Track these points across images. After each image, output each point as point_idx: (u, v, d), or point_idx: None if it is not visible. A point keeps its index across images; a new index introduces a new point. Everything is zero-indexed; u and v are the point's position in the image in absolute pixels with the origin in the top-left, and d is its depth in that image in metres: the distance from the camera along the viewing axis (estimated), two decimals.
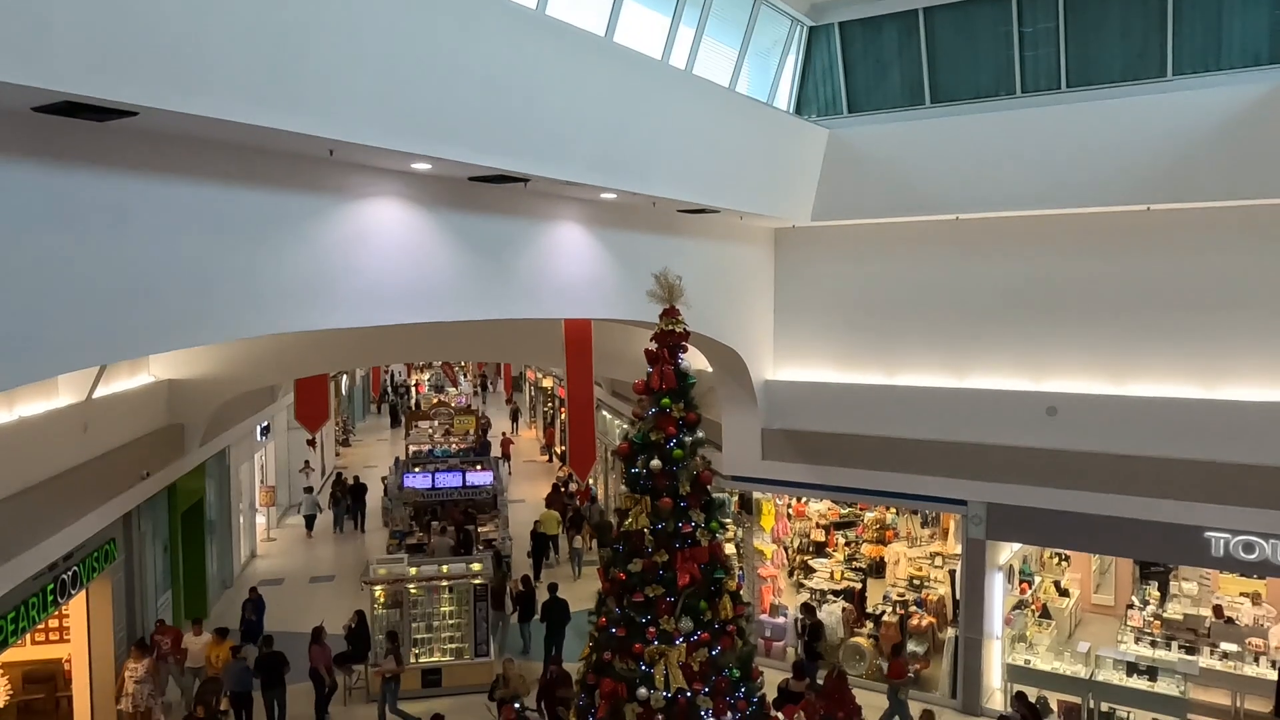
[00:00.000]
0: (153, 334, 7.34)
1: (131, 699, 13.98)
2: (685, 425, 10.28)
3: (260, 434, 26.01)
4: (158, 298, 7.20)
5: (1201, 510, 12.95)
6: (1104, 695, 14.26)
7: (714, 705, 9.79)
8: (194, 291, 7.51)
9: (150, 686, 14.12)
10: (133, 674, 14.07)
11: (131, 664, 14.14)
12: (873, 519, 19.49)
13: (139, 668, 14.09)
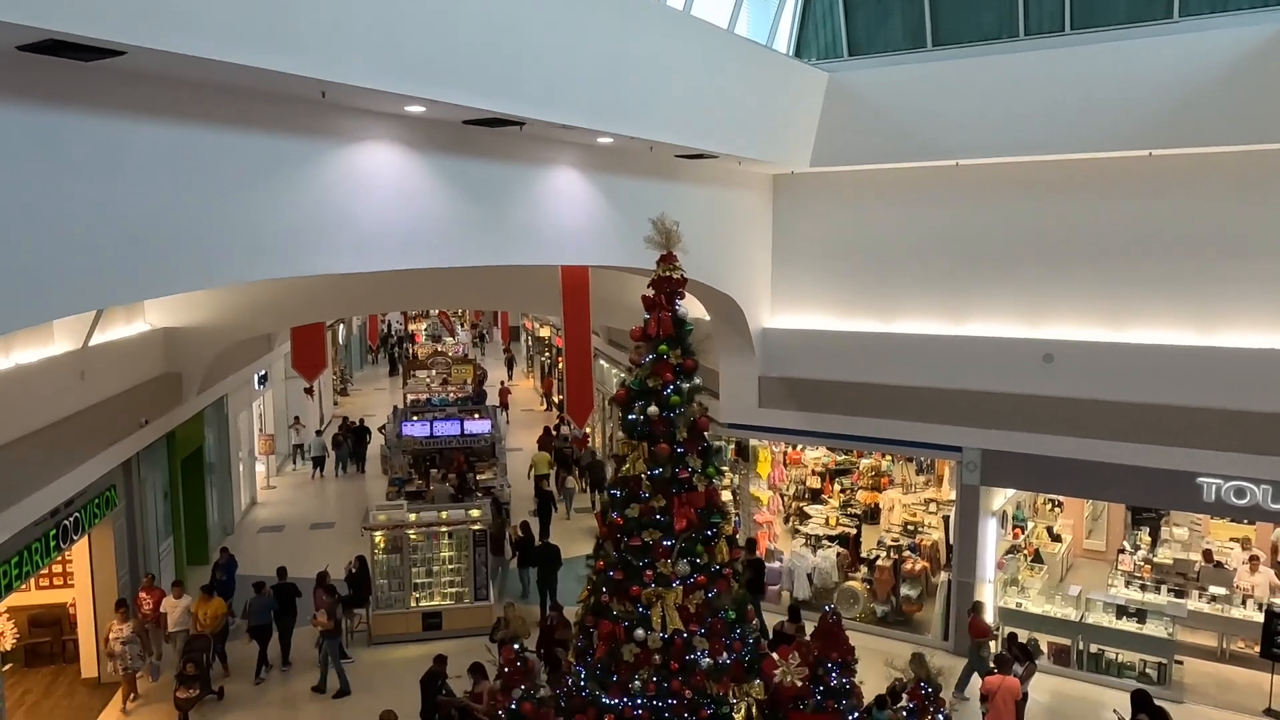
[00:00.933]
0: (145, 279, 7.30)
1: (119, 661, 13.62)
2: (682, 372, 10.29)
3: (258, 383, 26.04)
4: (150, 242, 7.14)
5: (1194, 456, 13.06)
6: (1093, 637, 14.52)
7: (710, 646, 9.94)
8: (186, 236, 7.45)
9: (138, 647, 13.81)
10: (119, 635, 13.60)
11: (116, 625, 13.66)
12: (868, 466, 19.65)
13: (124, 629, 13.65)
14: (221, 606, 14.96)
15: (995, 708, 11.53)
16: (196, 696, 13.57)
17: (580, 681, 10.33)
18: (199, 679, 13.67)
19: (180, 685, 13.49)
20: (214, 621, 14.72)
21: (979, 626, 13.88)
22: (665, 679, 9.83)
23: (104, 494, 14.08)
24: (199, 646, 14.17)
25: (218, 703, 14.06)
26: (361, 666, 15.37)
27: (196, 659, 13.80)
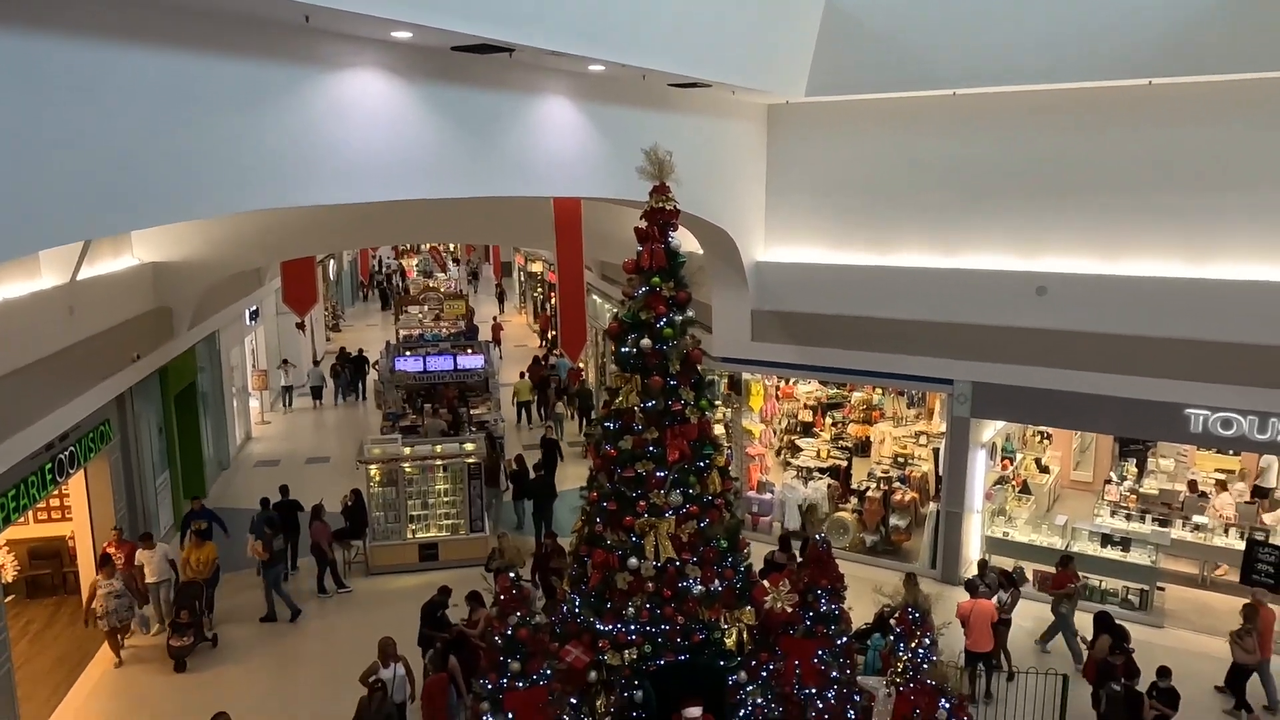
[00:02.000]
0: (128, 210, 7.18)
1: (109, 618, 13.17)
2: (675, 304, 10.26)
3: (249, 318, 25.94)
4: (132, 173, 7.01)
5: (1182, 388, 13.16)
6: (1079, 565, 14.77)
7: (702, 574, 10.12)
8: (169, 166, 7.31)
9: (128, 600, 13.42)
10: (109, 589, 13.14)
11: (103, 579, 13.22)
12: (859, 400, 19.79)
13: (113, 583, 13.23)
14: (213, 551, 14.64)
15: (974, 630, 11.82)
16: (191, 644, 13.48)
17: (575, 609, 10.52)
18: (193, 626, 13.55)
19: (174, 634, 13.39)
20: (206, 567, 14.46)
21: (1060, 579, 13.22)
22: (658, 606, 10.03)
23: (98, 428, 14.10)
24: (191, 593, 13.89)
25: (212, 649, 13.89)
26: (359, 596, 15.65)
27: (190, 606, 13.60)
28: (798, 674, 10.24)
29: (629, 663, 9.99)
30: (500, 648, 9.42)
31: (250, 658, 13.78)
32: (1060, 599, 13.16)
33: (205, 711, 10.36)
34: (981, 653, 11.91)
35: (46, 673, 13.01)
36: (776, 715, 10.18)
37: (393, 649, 10.98)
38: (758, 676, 10.21)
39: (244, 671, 13.36)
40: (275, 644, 14.16)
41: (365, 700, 10.12)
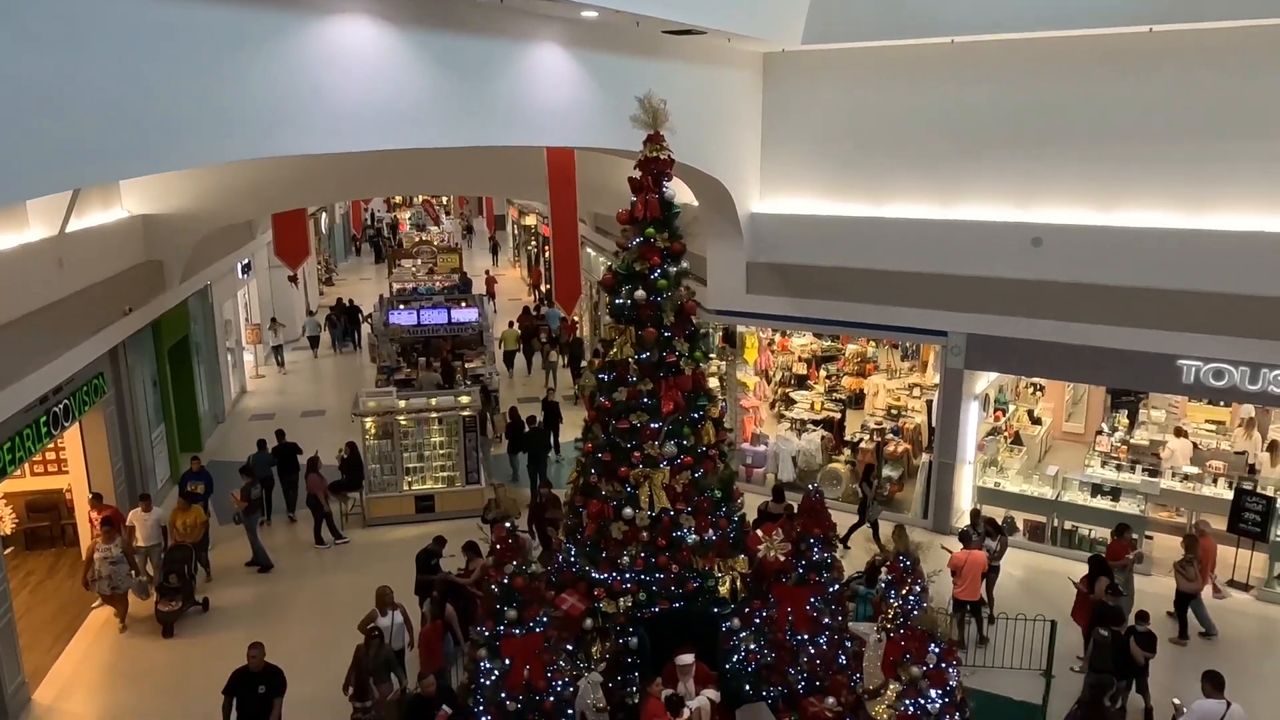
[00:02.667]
0: (115, 159, 7.10)
1: (108, 581, 12.82)
2: (670, 255, 10.23)
3: (241, 272, 25.78)
4: (118, 121, 6.91)
5: (1175, 339, 13.19)
6: (1068, 514, 14.99)
7: (696, 524, 10.23)
8: (155, 115, 7.21)
9: (127, 566, 13.04)
10: (106, 555, 12.80)
11: (103, 544, 12.85)
12: (853, 352, 19.82)
13: (111, 548, 12.83)
14: (200, 515, 14.39)
15: (965, 579, 11.99)
16: (179, 609, 13.17)
17: (570, 558, 10.65)
18: (181, 591, 13.24)
19: (162, 598, 13.10)
20: (194, 530, 14.16)
21: (1117, 549, 12.50)
22: (653, 555, 10.15)
23: (92, 381, 14.08)
24: (179, 557, 13.54)
25: (203, 614, 13.60)
26: (356, 547, 15.79)
27: (178, 570, 13.28)
28: (790, 621, 10.39)
29: (624, 610, 10.14)
30: (497, 596, 9.54)
31: (242, 619, 13.41)
32: (1117, 569, 12.20)
33: (196, 676, 10.45)
34: (969, 601, 12.09)
35: (48, 622, 13.16)
36: (769, 661, 10.35)
37: (390, 597, 11.10)
38: (751, 623, 10.36)
39: (236, 632, 12.71)
40: (269, 602, 14.04)
41: (362, 647, 10.25)
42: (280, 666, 9.84)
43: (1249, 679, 11.27)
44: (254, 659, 9.67)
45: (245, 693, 9.57)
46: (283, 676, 9.77)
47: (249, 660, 9.67)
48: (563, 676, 9.64)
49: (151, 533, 14.00)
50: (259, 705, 9.55)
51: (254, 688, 9.57)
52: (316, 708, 10.06)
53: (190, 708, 10.88)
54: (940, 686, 8.33)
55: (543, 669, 9.46)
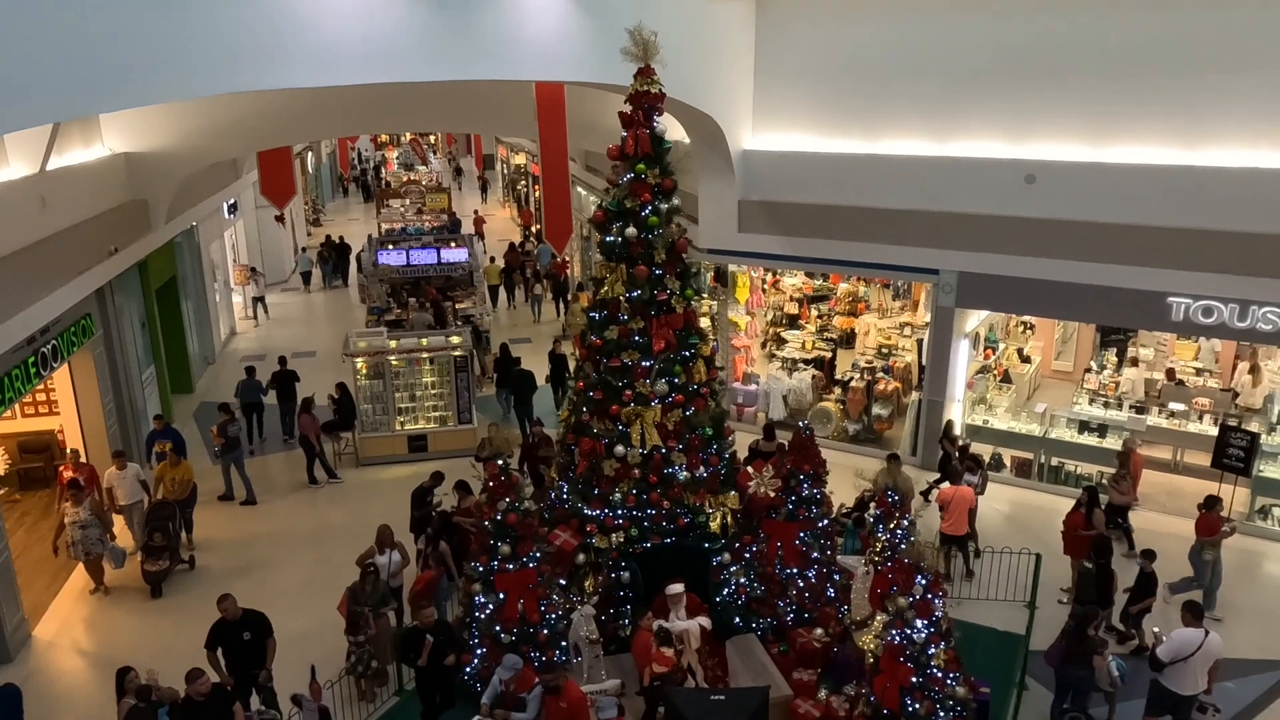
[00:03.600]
0: (94, 92, 6.94)
1: (80, 547, 12.15)
2: (661, 192, 10.14)
3: (227, 211, 25.46)
4: (99, 54, 6.74)
5: (1165, 276, 13.19)
6: (1055, 451, 15.16)
7: (687, 461, 10.32)
8: (135, 47, 7.03)
9: (99, 531, 12.28)
10: (74, 519, 12.07)
11: (70, 508, 12.09)
12: (845, 292, 19.80)
13: (79, 511, 12.09)
14: (189, 470, 13.81)
15: (952, 514, 12.16)
16: (167, 569, 12.63)
17: (563, 495, 10.75)
18: (167, 549, 12.68)
19: (148, 557, 12.55)
20: (182, 487, 13.55)
21: (1208, 523, 11.61)
22: (644, 492, 10.27)
23: (79, 322, 13.98)
24: (164, 514, 12.90)
25: (190, 572, 13.06)
26: (350, 486, 15.90)
27: (163, 527, 12.67)
28: (780, 555, 10.56)
29: (616, 546, 10.29)
30: (490, 532, 9.65)
31: (231, 574, 12.80)
32: (1205, 546, 11.56)
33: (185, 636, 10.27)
34: (956, 535, 12.28)
35: (45, 561, 13.23)
36: (759, 594, 10.55)
37: (390, 536, 11.17)
38: (741, 558, 10.54)
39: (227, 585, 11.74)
40: (263, 540, 14.01)
41: (358, 584, 10.38)
42: (262, 610, 9.63)
43: (1228, 610, 11.54)
44: (227, 609, 9.33)
45: (229, 642, 9.35)
46: (265, 619, 9.51)
47: (222, 612, 9.33)
48: (556, 610, 9.82)
49: (131, 490, 13.35)
50: (247, 651, 9.34)
51: (237, 635, 9.33)
52: (312, 643, 10.21)
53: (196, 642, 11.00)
54: (926, 617, 8.49)
55: (536, 603, 9.63)
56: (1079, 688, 9.24)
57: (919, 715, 8.49)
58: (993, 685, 9.53)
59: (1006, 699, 9.63)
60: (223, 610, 9.36)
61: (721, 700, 7.55)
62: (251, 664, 9.35)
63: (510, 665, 8.47)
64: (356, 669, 10.11)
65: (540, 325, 25.59)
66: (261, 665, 9.36)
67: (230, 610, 9.36)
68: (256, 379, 17.60)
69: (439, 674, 9.31)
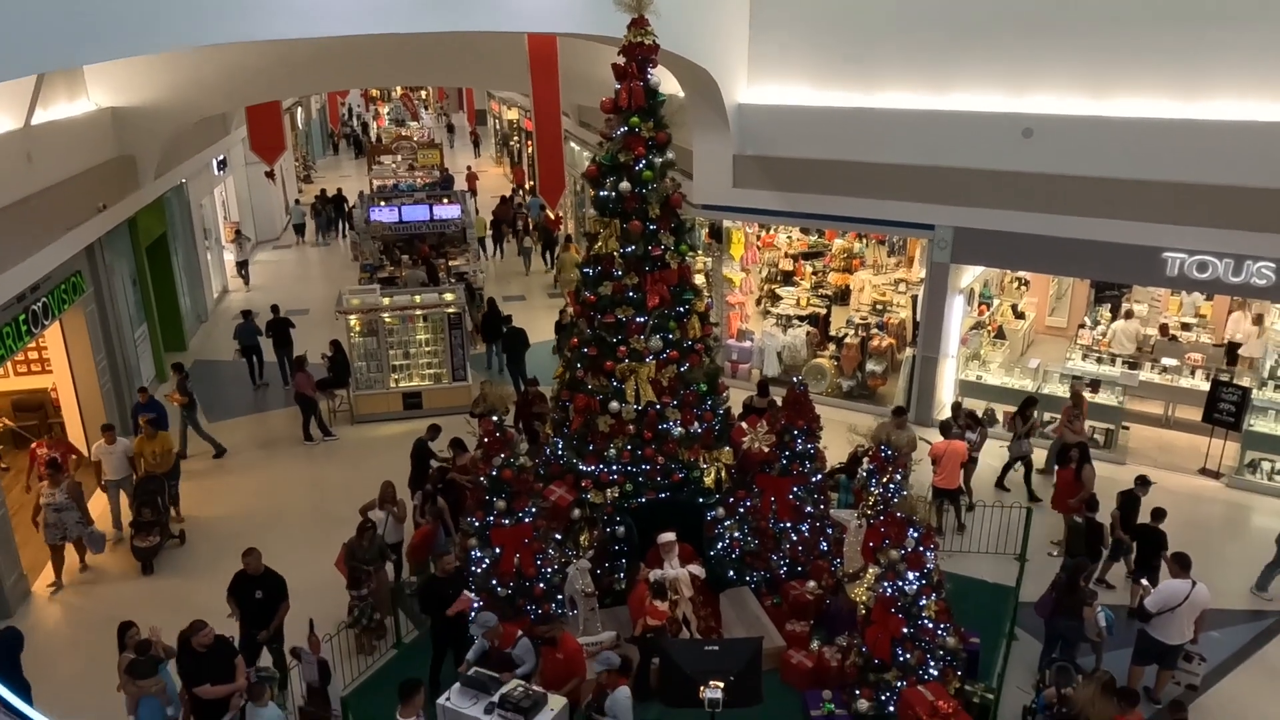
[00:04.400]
0: (76, 43, 6.80)
1: (55, 530, 11.67)
2: (655, 146, 10.04)
3: (217, 168, 25.18)
4: (78, 2, 6.59)
5: (1160, 231, 13.14)
6: (1048, 407, 15.20)
7: (682, 417, 10.34)
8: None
9: (77, 514, 11.77)
10: (50, 500, 11.56)
11: (47, 489, 11.63)
12: (840, 248, 19.72)
13: (56, 493, 11.58)
14: (169, 441, 13.28)
15: (944, 468, 12.25)
16: (157, 544, 12.23)
17: (558, 451, 10.79)
18: (157, 524, 12.30)
19: (138, 533, 12.14)
20: (163, 459, 13.02)
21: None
22: (639, 447, 10.30)
23: (70, 280, 13.88)
24: (152, 488, 12.47)
25: (180, 547, 12.71)
26: (346, 443, 15.93)
27: (151, 502, 12.25)
28: (773, 510, 10.64)
29: (611, 501, 10.35)
30: (486, 488, 9.69)
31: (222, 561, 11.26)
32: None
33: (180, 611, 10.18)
34: (948, 489, 12.38)
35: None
36: (753, 548, 10.65)
37: (392, 494, 11.20)
38: (735, 513, 10.61)
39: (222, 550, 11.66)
40: (256, 507, 13.80)
41: (355, 540, 10.44)
42: (280, 572, 9.63)
43: (1215, 561, 11.67)
44: (249, 563, 9.42)
45: (243, 595, 9.42)
46: (282, 583, 9.54)
47: (245, 564, 9.42)
48: (552, 564, 9.91)
49: (119, 465, 12.84)
50: (257, 609, 9.39)
51: (251, 592, 9.39)
52: (309, 598, 10.29)
53: (192, 596, 11.09)
54: (917, 569, 8.59)
55: (532, 557, 9.71)
56: (1068, 638, 9.38)
57: (909, 665, 8.63)
58: (982, 636, 9.69)
59: (996, 649, 9.79)
60: (245, 563, 9.43)
61: (715, 650, 7.65)
62: (260, 624, 9.43)
63: (484, 623, 8.56)
64: (360, 622, 10.22)
65: (529, 277, 25.94)
66: (266, 625, 9.44)
67: (253, 565, 9.42)
68: (254, 322, 18.22)
69: (460, 624, 9.36)
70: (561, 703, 8.14)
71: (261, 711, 7.86)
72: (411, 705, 7.67)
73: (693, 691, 7.02)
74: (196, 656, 8.20)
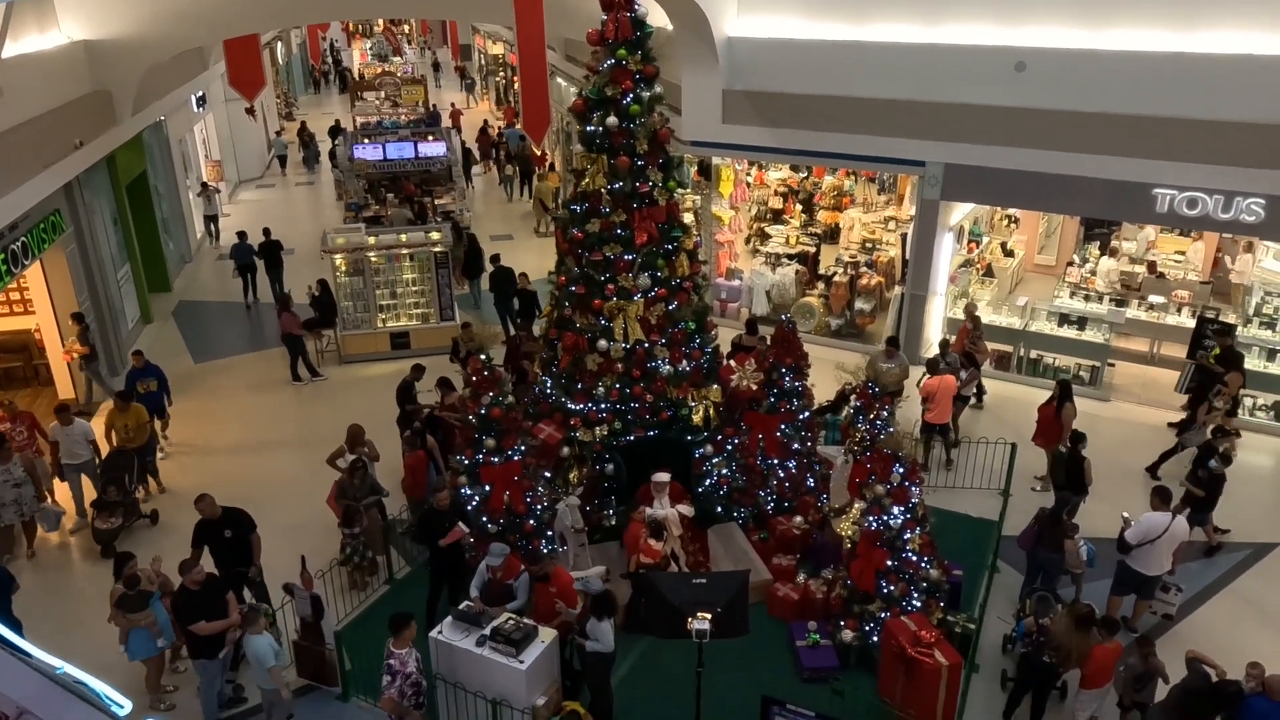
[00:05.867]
0: None
1: (12, 508, 10.80)
2: (642, 79, 9.87)
3: (196, 104, 24.64)
4: None
5: (1151, 167, 13.06)
6: (1034, 344, 15.29)
7: (670, 355, 10.35)
8: None
9: (32, 491, 10.97)
10: (4, 478, 10.67)
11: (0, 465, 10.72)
12: (830, 185, 19.55)
13: (9, 470, 10.70)
14: (143, 414, 12.13)
15: (937, 404, 12.34)
16: (119, 525, 11.17)
17: (546, 389, 10.80)
18: (122, 505, 11.30)
19: (99, 513, 11.14)
20: (138, 433, 11.99)
21: None
22: (627, 386, 10.32)
23: (49, 218, 13.66)
24: (120, 464, 11.49)
25: (151, 527, 11.72)
26: (334, 383, 15.91)
27: (118, 480, 11.29)
28: (761, 447, 10.73)
29: (600, 439, 10.40)
30: (475, 427, 9.72)
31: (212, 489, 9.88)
32: None
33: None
34: (938, 424, 12.48)
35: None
36: (740, 484, 10.76)
37: (361, 435, 11.13)
38: (723, 450, 10.69)
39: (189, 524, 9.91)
40: (244, 447, 13.77)
41: (346, 477, 10.49)
42: (249, 506, 9.59)
43: None
44: (204, 508, 9.22)
45: (212, 541, 9.33)
46: (245, 516, 9.46)
47: (200, 511, 9.23)
48: (541, 501, 9.99)
49: (73, 449, 11.69)
50: (231, 548, 9.33)
51: (219, 534, 9.29)
52: (300, 536, 10.37)
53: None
54: (902, 503, 8.70)
55: (521, 494, 9.79)
56: (1049, 570, 9.56)
57: (893, 597, 8.80)
58: (965, 568, 9.87)
59: (978, 581, 9.98)
60: (200, 510, 9.28)
61: (703, 583, 7.77)
62: (237, 562, 9.42)
63: (498, 553, 8.65)
64: (352, 559, 10.32)
65: (511, 205, 26.68)
66: (247, 563, 9.45)
67: (208, 509, 9.27)
68: (248, 242, 19.23)
69: (456, 555, 9.46)
70: (552, 635, 8.29)
71: (256, 640, 7.99)
72: (403, 638, 7.79)
73: (681, 623, 7.14)
74: (190, 595, 8.29)
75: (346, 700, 8.94)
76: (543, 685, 8.16)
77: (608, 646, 8.03)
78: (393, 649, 7.79)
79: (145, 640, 8.55)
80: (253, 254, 19.14)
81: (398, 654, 7.76)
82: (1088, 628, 7.92)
